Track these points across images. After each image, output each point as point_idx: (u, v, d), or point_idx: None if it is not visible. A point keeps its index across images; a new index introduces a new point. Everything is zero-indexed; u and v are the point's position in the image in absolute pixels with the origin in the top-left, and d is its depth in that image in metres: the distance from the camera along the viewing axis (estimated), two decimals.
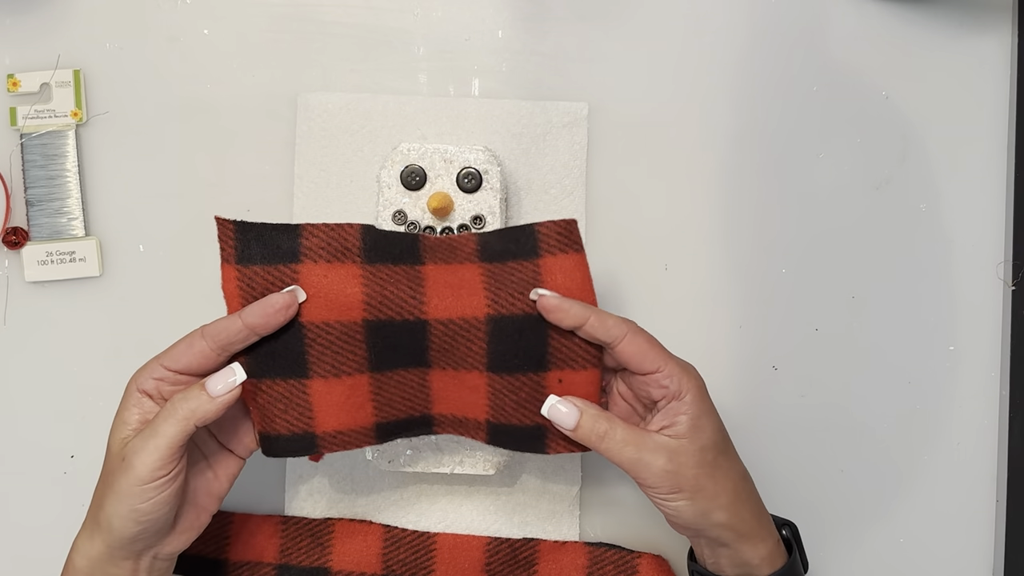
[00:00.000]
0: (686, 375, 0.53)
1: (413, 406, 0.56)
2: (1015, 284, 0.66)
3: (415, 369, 0.55)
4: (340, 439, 0.55)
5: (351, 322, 0.53)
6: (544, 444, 0.56)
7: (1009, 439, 0.66)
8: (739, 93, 0.67)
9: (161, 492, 0.51)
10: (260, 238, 0.53)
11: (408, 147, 0.62)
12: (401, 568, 0.64)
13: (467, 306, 0.54)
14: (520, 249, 0.55)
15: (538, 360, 0.54)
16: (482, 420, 0.55)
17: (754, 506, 0.55)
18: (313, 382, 0.54)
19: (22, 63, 0.66)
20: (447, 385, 0.55)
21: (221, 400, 0.51)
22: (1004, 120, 0.67)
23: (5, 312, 0.66)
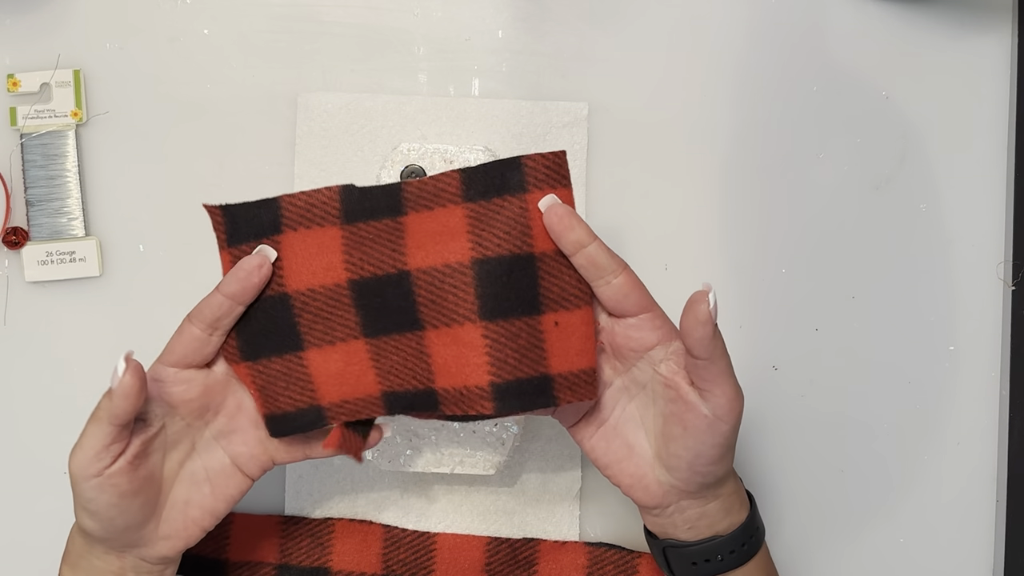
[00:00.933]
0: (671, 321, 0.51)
1: (416, 376, 0.53)
2: (1015, 284, 0.66)
3: (410, 333, 0.52)
4: (347, 408, 0.53)
5: (335, 285, 0.52)
6: (552, 395, 0.52)
7: (1009, 439, 0.66)
8: (739, 93, 0.67)
9: (102, 491, 0.50)
10: (245, 217, 0.53)
11: (408, 147, 0.62)
12: (401, 568, 0.64)
13: (450, 251, 0.51)
14: (505, 184, 0.51)
15: (531, 302, 0.51)
16: (485, 385, 0.51)
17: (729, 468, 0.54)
18: (309, 353, 0.53)
19: (22, 63, 0.66)
20: (444, 348, 0.52)
21: (118, 394, 0.49)
22: (1004, 120, 0.67)
23: (5, 312, 0.66)
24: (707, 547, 0.53)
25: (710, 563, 0.53)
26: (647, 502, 0.53)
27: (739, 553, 0.53)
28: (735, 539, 0.53)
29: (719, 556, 0.53)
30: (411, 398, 0.53)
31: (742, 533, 0.53)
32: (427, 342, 0.52)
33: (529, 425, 0.65)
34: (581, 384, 0.52)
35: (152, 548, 0.54)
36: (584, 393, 0.52)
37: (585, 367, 0.52)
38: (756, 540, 0.54)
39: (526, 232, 0.51)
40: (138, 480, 0.51)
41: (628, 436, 0.53)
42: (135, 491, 0.51)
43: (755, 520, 0.54)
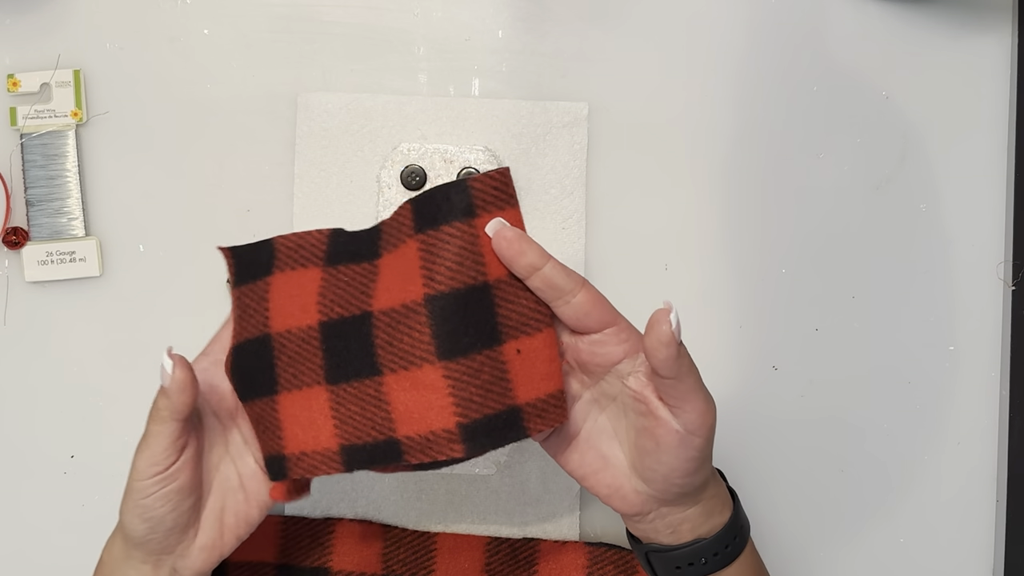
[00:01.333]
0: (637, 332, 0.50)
1: (376, 426, 0.49)
2: (1015, 284, 0.66)
3: (369, 380, 0.50)
4: (305, 462, 0.51)
5: (307, 326, 0.51)
6: (523, 427, 0.49)
7: (1009, 439, 0.66)
8: (739, 93, 0.67)
9: (161, 487, 0.51)
10: (246, 258, 0.53)
11: (408, 147, 0.62)
12: (401, 568, 0.64)
13: (406, 291, 0.49)
14: (452, 209, 0.49)
15: (490, 333, 0.48)
16: (452, 427, 0.48)
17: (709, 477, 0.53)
18: (280, 397, 0.51)
19: (22, 63, 0.66)
20: (404, 393, 0.49)
21: (173, 390, 0.49)
22: (1004, 120, 0.67)
23: (5, 312, 0.66)
24: (690, 551, 0.52)
25: (694, 567, 0.52)
26: (627, 511, 0.52)
27: (723, 555, 0.52)
28: (719, 541, 0.52)
29: (703, 559, 0.52)
30: (371, 451, 0.50)
31: (725, 534, 0.52)
32: (386, 388, 0.49)
33: None
34: (550, 409, 0.50)
35: (188, 559, 0.53)
36: (554, 418, 0.50)
37: (552, 391, 0.50)
38: (740, 540, 0.53)
39: (478, 260, 0.49)
40: (195, 477, 0.52)
41: (602, 448, 0.52)
42: (191, 488, 0.52)
43: (738, 520, 0.53)
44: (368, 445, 0.50)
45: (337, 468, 0.50)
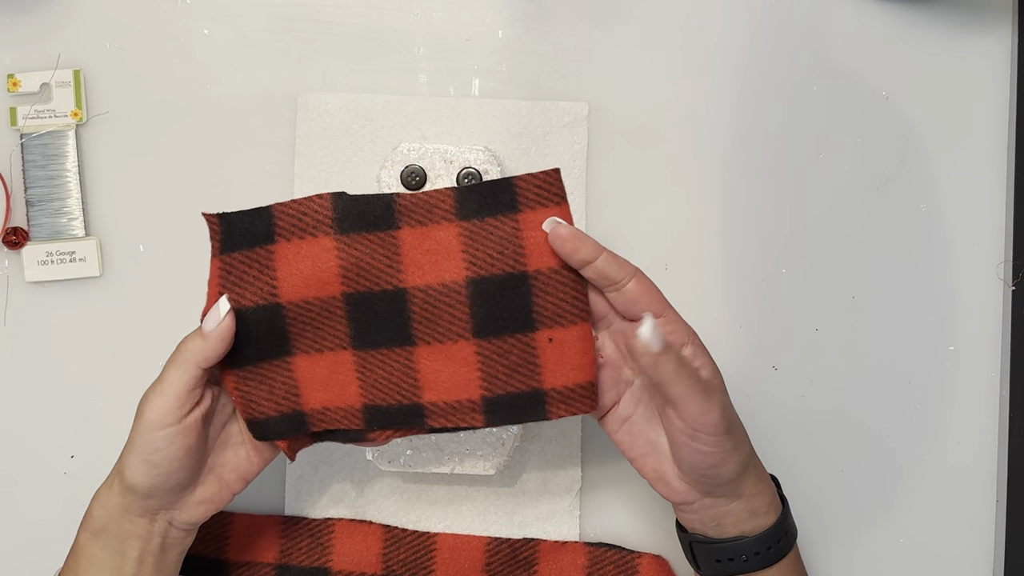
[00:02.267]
0: (685, 322, 0.53)
1: (401, 391, 0.53)
2: (1015, 284, 0.66)
3: (400, 348, 0.53)
4: (328, 416, 0.54)
5: (330, 297, 0.52)
6: (544, 409, 0.53)
7: (1009, 439, 0.66)
8: (739, 93, 0.67)
9: (171, 443, 0.51)
10: (240, 226, 0.53)
11: (408, 147, 0.62)
12: (401, 568, 0.64)
13: (445, 270, 0.52)
14: (498, 204, 0.52)
15: (524, 320, 0.52)
16: (476, 398, 0.53)
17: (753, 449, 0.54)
18: (296, 359, 0.54)
19: (22, 63, 0.66)
20: (435, 364, 0.53)
21: (215, 336, 0.51)
22: (1004, 120, 0.67)
23: (5, 312, 0.66)
24: (732, 546, 0.53)
25: (734, 562, 0.53)
26: (671, 498, 0.54)
27: (764, 556, 0.53)
28: (761, 541, 0.53)
29: (743, 556, 0.53)
30: (392, 413, 0.54)
31: (769, 536, 0.53)
32: (417, 357, 0.53)
33: (529, 425, 0.65)
34: (577, 398, 0.53)
35: (186, 512, 0.54)
36: (580, 407, 0.53)
37: (583, 381, 0.53)
38: (784, 545, 0.54)
39: (519, 251, 0.52)
40: (203, 435, 0.53)
41: (649, 434, 0.54)
42: (199, 446, 0.53)
43: (784, 525, 0.54)
44: (391, 407, 0.54)
45: (357, 423, 0.54)
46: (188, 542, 0.56)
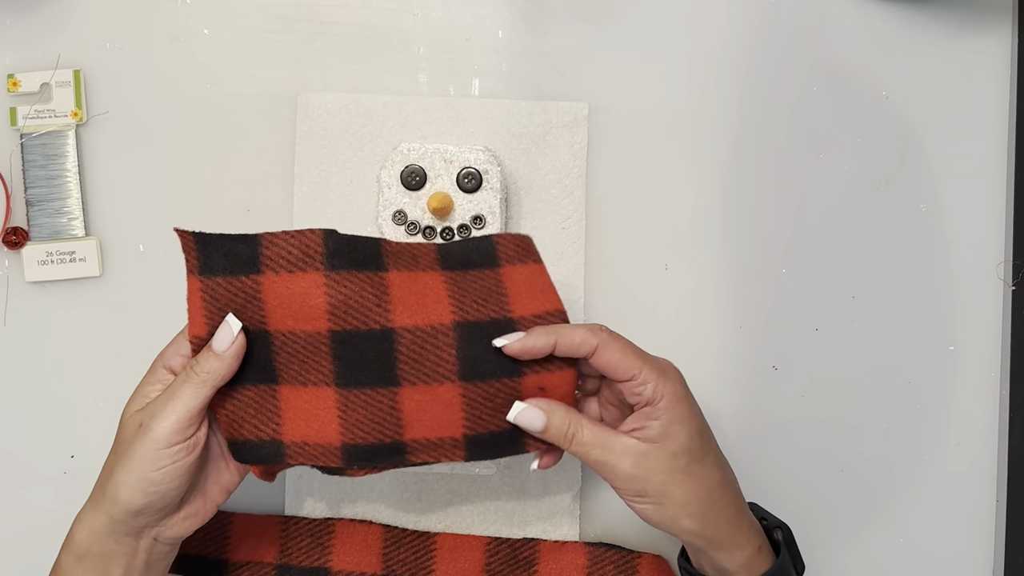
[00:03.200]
0: (662, 380, 0.52)
1: (383, 431, 0.53)
2: (1015, 284, 0.66)
3: (384, 389, 0.53)
4: (306, 451, 0.54)
5: (316, 332, 0.52)
6: (523, 444, 0.54)
7: (1009, 439, 0.66)
8: (739, 93, 0.67)
9: (175, 461, 0.51)
10: (221, 249, 0.53)
11: (408, 147, 0.62)
12: (401, 568, 0.64)
13: (433, 312, 0.53)
14: (480, 259, 0.55)
15: (511, 365, 0.53)
16: (459, 436, 0.53)
17: (731, 514, 0.53)
18: (282, 388, 0.53)
19: (22, 63, 0.66)
20: (419, 405, 0.53)
21: (229, 355, 0.51)
22: (1004, 120, 0.67)
23: (5, 312, 0.66)
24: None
25: None
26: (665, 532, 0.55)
27: None
28: None
29: None
30: (372, 451, 0.53)
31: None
32: (401, 398, 0.53)
33: None
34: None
35: (172, 528, 0.54)
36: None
37: None
38: None
39: (502, 300, 0.54)
40: (202, 453, 0.53)
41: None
42: (199, 464, 0.53)
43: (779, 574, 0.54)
44: (371, 446, 0.53)
45: (335, 461, 0.54)
46: (172, 556, 0.56)
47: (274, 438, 0.54)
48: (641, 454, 0.51)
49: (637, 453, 0.52)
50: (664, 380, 0.52)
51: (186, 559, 0.64)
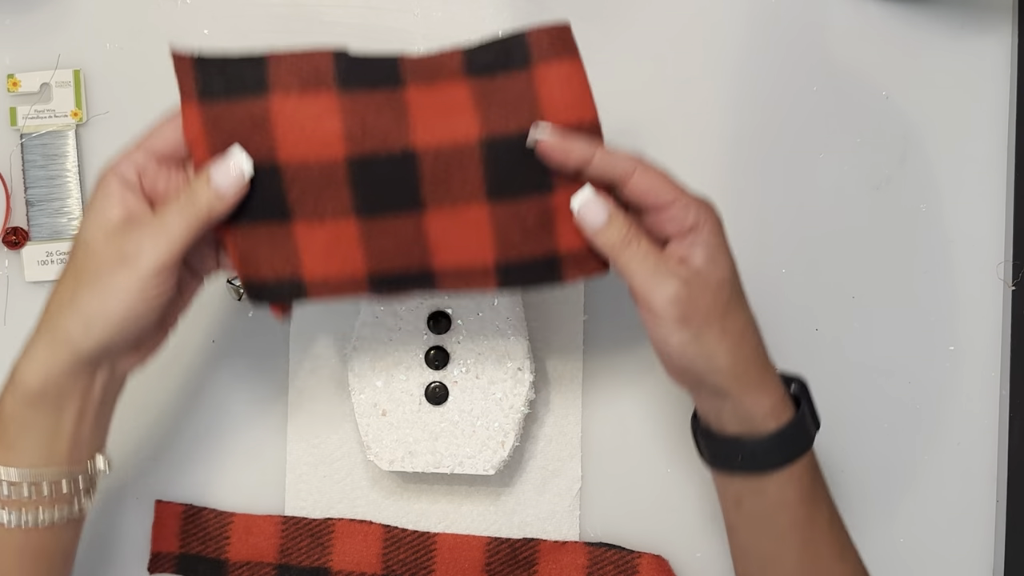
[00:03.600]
0: (703, 208, 0.50)
1: (409, 259, 0.51)
2: (1015, 284, 0.66)
3: (408, 214, 0.50)
4: (329, 286, 0.51)
5: (331, 161, 0.49)
6: (559, 272, 0.51)
7: (1009, 439, 0.66)
8: (739, 93, 0.67)
9: (159, 296, 0.48)
10: (223, 71, 0.48)
11: None
12: (401, 568, 0.64)
13: (457, 130, 0.49)
14: (511, 59, 0.49)
15: (541, 179, 0.49)
16: (489, 263, 0.50)
17: (760, 356, 0.52)
18: (297, 224, 0.50)
19: (22, 63, 0.66)
20: (446, 228, 0.50)
21: (232, 191, 0.48)
22: (1004, 120, 0.67)
23: (5, 312, 0.66)
24: (725, 443, 0.52)
25: (729, 460, 0.53)
26: (668, 372, 0.53)
27: (753, 461, 0.52)
28: (751, 446, 0.51)
29: (738, 456, 0.52)
30: (400, 279, 0.51)
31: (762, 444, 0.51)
32: (427, 222, 0.50)
33: (529, 426, 0.65)
34: (591, 258, 0.51)
35: (128, 361, 0.52)
36: (592, 268, 0.51)
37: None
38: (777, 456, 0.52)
39: (534, 107, 0.49)
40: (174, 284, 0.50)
41: None
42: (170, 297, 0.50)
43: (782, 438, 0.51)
44: (399, 274, 0.51)
45: (363, 292, 0.52)
46: (121, 392, 0.53)
47: (293, 277, 0.51)
48: (687, 279, 0.49)
49: (684, 277, 0.49)
50: (705, 208, 0.50)
51: (186, 559, 0.64)
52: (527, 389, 0.62)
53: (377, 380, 0.62)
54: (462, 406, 0.62)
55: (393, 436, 0.62)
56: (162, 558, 0.65)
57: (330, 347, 0.66)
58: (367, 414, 0.62)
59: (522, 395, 0.62)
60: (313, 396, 0.66)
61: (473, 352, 0.62)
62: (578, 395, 0.66)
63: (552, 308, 0.66)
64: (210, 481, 0.67)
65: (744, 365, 0.51)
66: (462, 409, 0.62)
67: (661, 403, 0.67)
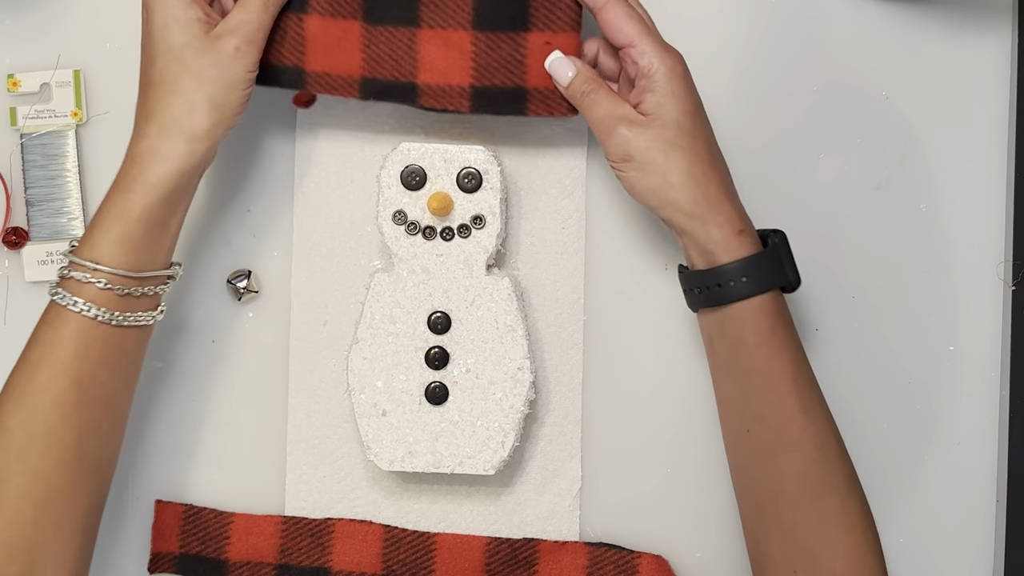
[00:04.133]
0: (662, 53, 0.56)
1: (400, 68, 0.59)
2: (1015, 284, 0.66)
3: (405, 28, 0.59)
4: (326, 81, 0.59)
5: None
6: (524, 106, 0.60)
7: (1009, 439, 0.66)
8: (739, 93, 0.67)
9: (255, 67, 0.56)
10: None
11: (408, 147, 0.62)
12: (401, 568, 0.64)
13: None
14: None
15: (520, 19, 0.58)
16: (466, 85, 0.59)
17: (713, 192, 0.56)
18: (310, 17, 0.58)
19: (22, 63, 0.66)
20: (434, 47, 0.59)
21: None
22: (1004, 120, 0.67)
23: (5, 312, 0.66)
24: (685, 276, 0.58)
25: (690, 294, 0.58)
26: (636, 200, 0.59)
27: (701, 296, 0.57)
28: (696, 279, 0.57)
29: (694, 289, 0.57)
30: (388, 87, 0.60)
31: (702, 276, 0.56)
32: (419, 39, 0.59)
33: (529, 426, 0.65)
34: (557, 100, 0.59)
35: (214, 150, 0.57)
36: (559, 108, 0.60)
37: None
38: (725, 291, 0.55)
39: None
40: None
41: None
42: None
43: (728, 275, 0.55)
44: (388, 82, 0.60)
45: (354, 94, 0.60)
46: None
47: (297, 65, 0.59)
48: (632, 121, 0.56)
49: (631, 121, 0.56)
50: (663, 54, 0.56)
51: (186, 559, 0.64)
52: (527, 389, 0.62)
53: (377, 380, 0.62)
54: (462, 406, 0.62)
55: (393, 436, 0.62)
56: (162, 558, 0.65)
57: (330, 347, 0.66)
58: (367, 414, 0.62)
59: (522, 395, 0.62)
60: (313, 396, 0.66)
61: (473, 352, 0.62)
62: (578, 395, 0.66)
63: (552, 308, 0.66)
64: (210, 481, 0.67)
65: (691, 197, 0.55)
66: (462, 409, 0.62)
67: (661, 403, 0.67)
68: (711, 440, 0.66)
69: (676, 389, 0.67)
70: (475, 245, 0.62)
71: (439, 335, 0.62)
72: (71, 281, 0.54)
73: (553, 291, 0.66)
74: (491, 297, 0.62)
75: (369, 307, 0.62)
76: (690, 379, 0.66)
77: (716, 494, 0.66)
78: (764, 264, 0.56)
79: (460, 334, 0.62)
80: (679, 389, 0.67)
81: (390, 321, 0.62)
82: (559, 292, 0.66)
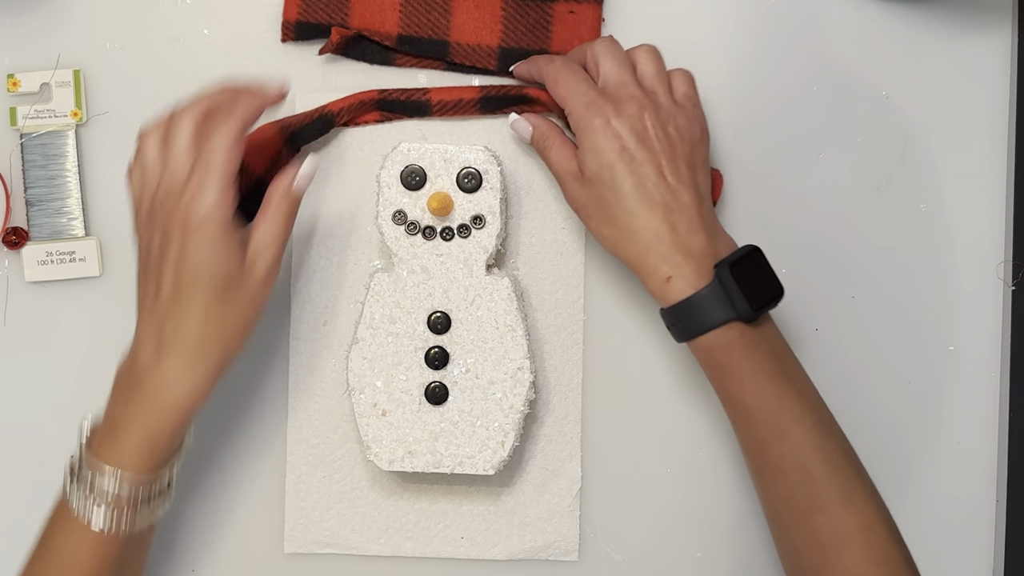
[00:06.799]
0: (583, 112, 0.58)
1: (434, 27, 0.64)
2: (1015, 284, 0.66)
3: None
4: (365, 34, 0.64)
5: None
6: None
7: (1009, 439, 0.66)
8: (739, 93, 0.67)
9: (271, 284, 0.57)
10: None
11: (408, 147, 0.62)
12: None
13: None
14: None
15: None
16: (494, 46, 0.64)
17: (638, 243, 0.57)
18: None
19: (22, 63, 0.66)
20: (466, 10, 0.64)
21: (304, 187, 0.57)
22: (1004, 120, 0.67)
23: (5, 312, 0.66)
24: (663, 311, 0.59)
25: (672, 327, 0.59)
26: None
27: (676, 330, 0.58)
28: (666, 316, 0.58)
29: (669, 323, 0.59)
30: (422, 43, 0.64)
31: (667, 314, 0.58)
32: (453, 2, 0.64)
33: (529, 425, 0.65)
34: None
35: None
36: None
37: None
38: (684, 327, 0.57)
39: None
40: None
41: None
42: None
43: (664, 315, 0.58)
44: (422, 39, 0.64)
45: (390, 43, 0.64)
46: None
47: (343, 23, 0.64)
48: (575, 176, 0.59)
49: (573, 175, 0.59)
50: (584, 111, 0.58)
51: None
52: (527, 389, 0.62)
53: (377, 380, 0.62)
54: (462, 406, 0.62)
55: (393, 436, 0.62)
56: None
57: (330, 346, 0.66)
58: (367, 414, 0.62)
59: (522, 395, 0.62)
60: (313, 396, 0.66)
61: (473, 352, 0.62)
62: (578, 395, 0.66)
63: (552, 308, 0.66)
64: (209, 481, 0.67)
65: (622, 250, 0.58)
66: (462, 409, 0.62)
67: (661, 403, 0.67)
68: (711, 440, 0.66)
69: (676, 389, 0.67)
70: (475, 245, 0.62)
71: (439, 335, 0.62)
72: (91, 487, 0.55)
73: (553, 291, 0.66)
74: (491, 297, 0.62)
75: (369, 307, 0.62)
76: (690, 379, 0.66)
77: (716, 494, 0.66)
78: (702, 304, 0.56)
79: (460, 334, 0.62)
80: (679, 389, 0.67)
81: (390, 321, 0.62)
82: (559, 292, 0.66)
